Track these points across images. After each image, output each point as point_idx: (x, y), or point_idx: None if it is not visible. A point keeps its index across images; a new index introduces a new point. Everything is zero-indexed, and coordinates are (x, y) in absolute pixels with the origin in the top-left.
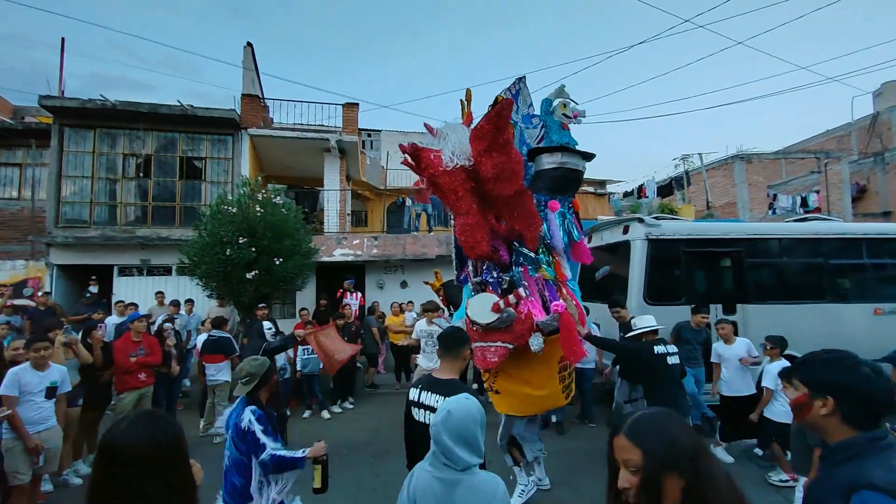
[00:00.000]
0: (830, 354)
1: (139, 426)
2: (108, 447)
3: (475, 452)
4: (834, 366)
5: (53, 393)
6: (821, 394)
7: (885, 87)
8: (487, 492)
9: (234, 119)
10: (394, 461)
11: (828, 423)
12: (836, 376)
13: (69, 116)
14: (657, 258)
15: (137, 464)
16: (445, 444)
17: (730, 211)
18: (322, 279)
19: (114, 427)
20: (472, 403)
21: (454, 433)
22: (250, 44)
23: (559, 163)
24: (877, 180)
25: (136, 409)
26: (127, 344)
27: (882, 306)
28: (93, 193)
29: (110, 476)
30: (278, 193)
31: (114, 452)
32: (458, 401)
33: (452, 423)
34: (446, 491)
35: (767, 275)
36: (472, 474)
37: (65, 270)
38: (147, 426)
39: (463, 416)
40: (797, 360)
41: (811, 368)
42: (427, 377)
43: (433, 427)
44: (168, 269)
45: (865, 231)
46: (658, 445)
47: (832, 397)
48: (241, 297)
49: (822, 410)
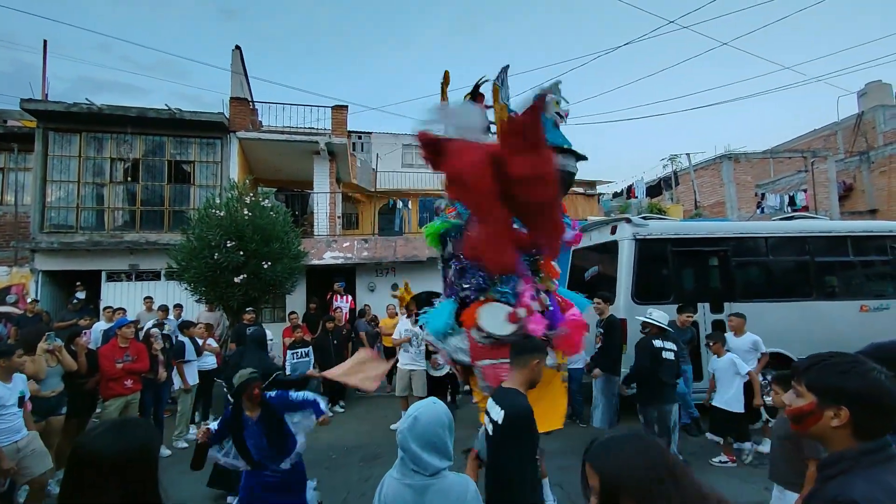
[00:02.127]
0: (842, 358)
1: (109, 434)
2: (75, 453)
3: (444, 457)
4: (849, 372)
5: (23, 401)
6: (833, 403)
7: (869, 87)
8: (458, 493)
9: (222, 122)
10: (383, 465)
11: (835, 435)
12: (853, 384)
13: (54, 120)
14: (645, 258)
15: (101, 472)
16: (413, 450)
17: (718, 210)
18: (312, 282)
19: (86, 433)
20: (440, 408)
21: (421, 439)
22: (238, 47)
23: (566, 168)
24: (862, 178)
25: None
26: (113, 350)
27: (868, 303)
28: (79, 198)
29: (76, 483)
30: (267, 196)
31: (79, 459)
32: (425, 406)
33: (419, 430)
34: (416, 497)
35: (754, 273)
36: (442, 478)
37: (51, 276)
38: (117, 435)
39: (430, 421)
40: (801, 363)
41: (822, 374)
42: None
43: (399, 434)
44: (157, 273)
45: (851, 229)
46: (612, 470)
47: (847, 407)
48: (229, 302)
49: (834, 421)
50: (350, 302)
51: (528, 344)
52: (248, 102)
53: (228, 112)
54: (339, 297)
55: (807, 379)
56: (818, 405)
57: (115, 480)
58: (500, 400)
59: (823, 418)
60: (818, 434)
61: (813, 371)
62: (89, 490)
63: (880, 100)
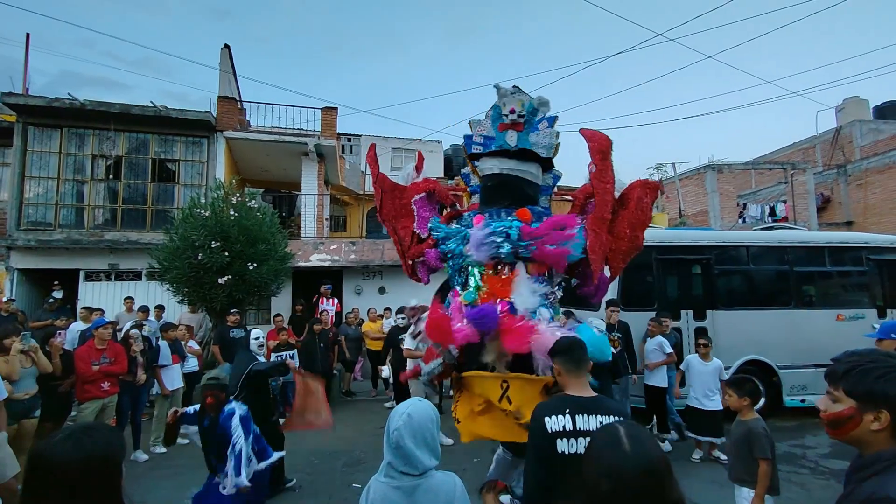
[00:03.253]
0: (879, 363)
1: (69, 441)
2: (35, 460)
3: (434, 454)
4: (887, 376)
5: None
6: (873, 407)
7: (847, 102)
8: (447, 491)
9: (209, 121)
10: (367, 470)
11: (875, 438)
12: (892, 387)
13: (34, 115)
14: (630, 265)
15: (60, 481)
16: (407, 448)
17: (702, 219)
18: (298, 285)
19: (45, 440)
20: (427, 404)
21: (417, 436)
22: (228, 46)
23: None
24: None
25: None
26: (89, 352)
27: (844, 312)
28: (59, 195)
29: (34, 492)
30: (253, 197)
31: (37, 466)
32: (413, 403)
33: (414, 426)
34: (405, 498)
35: (736, 282)
36: (429, 477)
37: (27, 275)
38: (77, 442)
39: (422, 417)
40: (836, 368)
41: (862, 379)
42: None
43: (395, 432)
44: (138, 273)
45: (828, 240)
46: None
47: (889, 411)
48: (212, 303)
49: (874, 425)
50: (336, 305)
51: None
52: (236, 102)
53: (216, 111)
54: (326, 299)
55: (845, 384)
56: (858, 410)
57: (75, 489)
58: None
59: (863, 422)
60: (856, 438)
61: (850, 376)
62: (49, 500)
63: (857, 115)
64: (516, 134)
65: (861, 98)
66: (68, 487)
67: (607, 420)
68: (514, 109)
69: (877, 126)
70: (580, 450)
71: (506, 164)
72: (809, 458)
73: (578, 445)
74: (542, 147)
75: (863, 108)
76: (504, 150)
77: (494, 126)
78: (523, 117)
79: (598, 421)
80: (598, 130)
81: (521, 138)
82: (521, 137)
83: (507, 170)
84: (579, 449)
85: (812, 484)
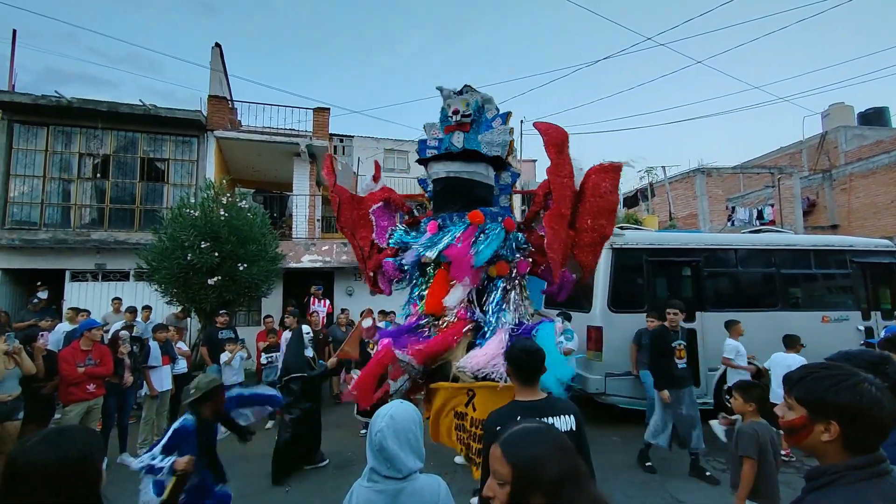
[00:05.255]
0: (833, 371)
1: (45, 444)
2: (9, 464)
3: (418, 456)
4: (839, 385)
5: None
6: (823, 418)
7: (832, 108)
8: (431, 494)
9: (199, 120)
10: (356, 473)
11: (827, 449)
12: (843, 398)
13: (20, 112)
14: (621, 267)
15: (35, 485)
16: (391, 450)
17: (691, 222)
18: (289, 286)
19: (21, 443)
20: (410, 406)
21: (401, 437)
22: (219, 45)
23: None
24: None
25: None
26: (74, 353)
27: (829, 314)
28: (44, 194)
29: (9, 494)
30: (244, 197)
31: (12, 470)
32: (397, 406)
33: (397, 427)
34: (389, 502)
35: (724, 284)
36: (413, 480)
37: (10, 275)
38: (53, 445)
39: (406, 418)
40: (793, 375)
41: (812, 388)
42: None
43: (378, 434)
44: (125, 274)
45: (814, 243)
46: (526, 465)
47: (837, 422)
48: (202, 304)
49: (824, 436)
50: (328, 306)
51: None
52: (227, 101)
53: (206, 110)
54: (317, 300)
55: (797, 392)
56: (809, 419)
57: (51, 494)
58: (556, 409)
59: (814, 432)
60: (810, 447)
61: (803, 384)
62: (24, 502)
63: (843, 121)
64: (462, 135)
65: (846, 104)
66: (45, 491)
67: (559, 421)
68: (458, 110)
69: (861, 132)
70: None
71: (450, 166)
72: (795, 458)
73: None
74: (497, 145)
75: (848, 114)
76: (450, 153)
77: (442, 129)
78: (469, 117)
79: (550, 423)
80: (552, 123)
81: (467, 139)
82: (469, 138)
83: (453, 172)
84: None
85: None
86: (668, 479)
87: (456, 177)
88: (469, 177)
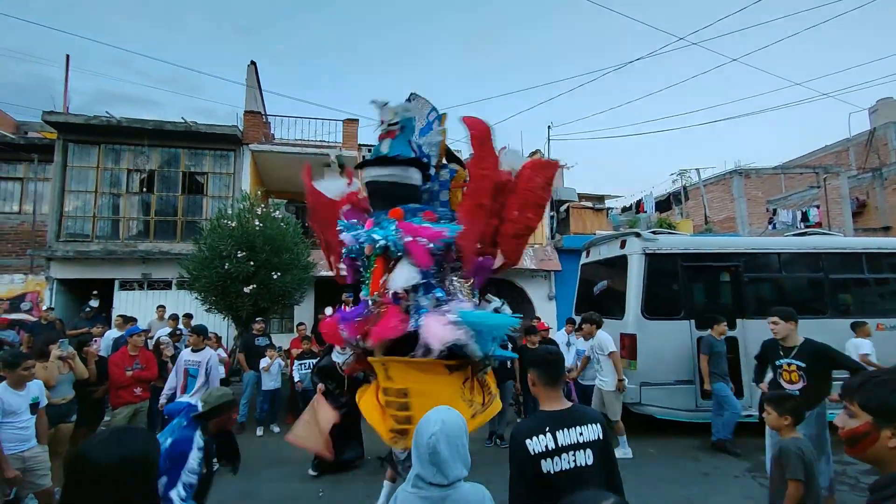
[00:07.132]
0: (894, 375)
1: (109, 443)
2: (74, 462)
3: (465, 464)
4: None
5: (36, 409)
6: (891, 422)
7: (880, 103)
8: (476, 501)
9: (236, 135)
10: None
11: (894, 456)
12: None
13: (73, 132)
14: (655, 272)
15: (99, 481)
16: (443, 455)
17: (728, 226)
18: (321, 294)
19: (86, 442)
20: (457, 413)
21: (452, 444)
22: (254, 62)
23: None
24: (876, 195)
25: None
26: (123, 358)
27: (884, 321)
28: (95, 208)
29: (75, 490)
30: (278, 208)
31: (77, 467)
32: (442, 411)
33: (449, 432)
34: None
35: (766, 289)
36: (457, 488)
37: (65, 284)
38: (116, 443)
39: (455, 424)
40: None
41: (876, 392)
42: (545, 418)
43: (431, 437)
44: (168, 283)
45: (866, 246)
46: None
47: None
48: (238, 311)
49: (892, 442)
50: None
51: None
52: (261, 115)
53: (242, 125)
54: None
55: (859, 398)
56: (874, 425)
57: (113, 489)
58: (579, 421)
59: (881, 439)
60: (875, 456)
61: (865, 389)
62: (88, 498)
63: (892, 116)
64: (389, 141)
65: (895, 99)
66: (108, 486)
67: (587, 430)
68: (384, 119)
69: None
70: (565, 466)
71: (371, 171)
72: (850, 475)
73: (563, 462)
74: (433, 145)
75: None
76: (366, 160)
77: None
78: (395, 125)
79: (578, 432)
80: (477, 118)
81: (394, 145)
82: (395, 144)
83: (374, 177)
84: (564, 466)
85: (853, 502)
86: (711, 494)
87: (376, 180)
88: (388, 179)
